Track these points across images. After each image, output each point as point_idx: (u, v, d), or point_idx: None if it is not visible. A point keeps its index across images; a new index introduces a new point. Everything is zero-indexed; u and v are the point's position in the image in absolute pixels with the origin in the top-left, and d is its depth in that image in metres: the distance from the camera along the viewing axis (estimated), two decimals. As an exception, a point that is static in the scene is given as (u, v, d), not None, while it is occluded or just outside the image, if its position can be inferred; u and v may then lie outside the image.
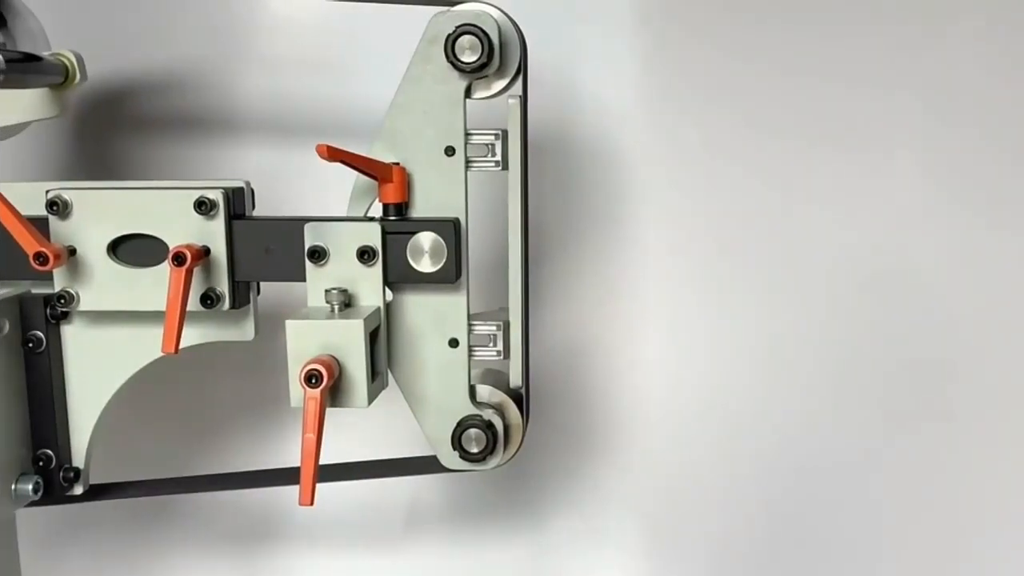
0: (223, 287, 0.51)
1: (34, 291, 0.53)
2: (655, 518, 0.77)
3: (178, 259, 0.48)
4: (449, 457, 0.54)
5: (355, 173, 0.51)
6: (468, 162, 0.52)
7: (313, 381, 0.46)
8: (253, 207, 0.53)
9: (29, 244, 0.48)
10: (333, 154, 0.47)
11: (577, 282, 0.74)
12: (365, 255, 0.50)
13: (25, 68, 0.53)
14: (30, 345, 0.53)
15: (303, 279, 0.51)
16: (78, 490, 0.55)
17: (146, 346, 0.53)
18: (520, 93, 0.51)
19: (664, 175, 0.72)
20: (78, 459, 0.55)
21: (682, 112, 0.72)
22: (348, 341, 0.48)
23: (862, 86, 0.70)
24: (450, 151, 0.51)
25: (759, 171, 0.72)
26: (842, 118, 0.71)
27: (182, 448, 0.76)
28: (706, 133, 0.72)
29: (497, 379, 0.55)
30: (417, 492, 0.78)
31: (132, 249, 0.51)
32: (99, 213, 0.51)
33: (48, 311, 0.53)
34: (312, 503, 0.47)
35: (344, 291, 0.50)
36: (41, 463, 0.54)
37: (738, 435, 0.75)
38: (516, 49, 0.51)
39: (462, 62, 0.49)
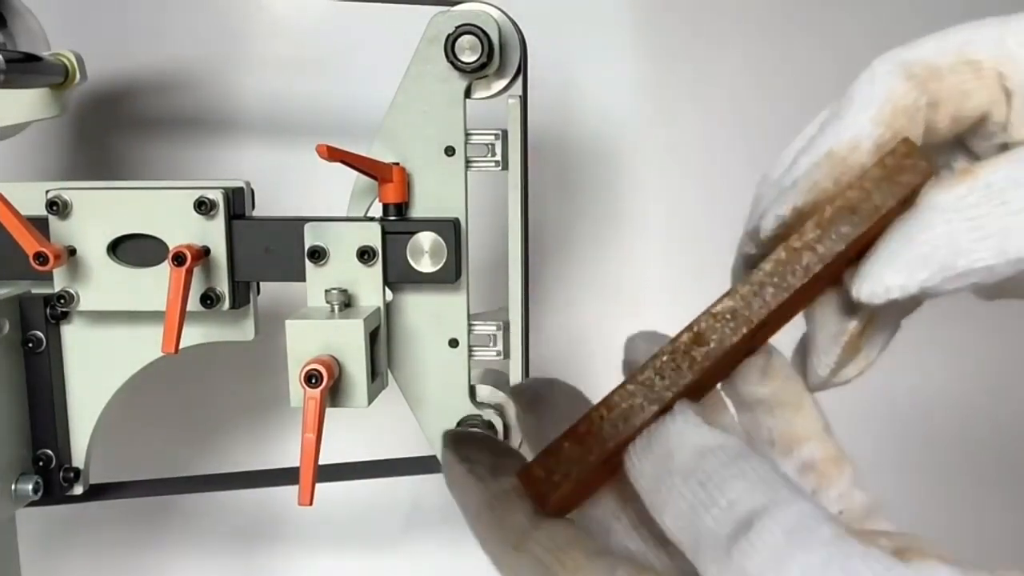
0: (223, 287, 0.51)
1: (34, 291, 0.53)
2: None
3: (178, 259, 0.48)
4: (449, 457, 0.54)
5: (355, 173, 0.51)
6: (468, 162, 0.52)
7: (313, 381, 0.46)
8: (253, 207, 0.53)
9: (29, 244, 0.48)
10: (333, 154, 0.47)
11: (577, 282, 0.74)
12: (365, 255, 0.50)
13: (25, 68, 0.53)
14: (30, 345, 0.53)
15: (303, 279, 0.51)
16: (78, 490, 0.55)
17: (146, 346, 0.53)
18: (520, 93, 0.51)
19: (665, 175, 0.72)
20: (78, 459, 0.55)
21: (682, 112, 0.72)
22: (348, 341, 0.48)
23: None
24: (450, 151, 0.51)
25: (760, 171, 0.72)
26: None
27: (182, 448, 0.76)
28: (707, 133, 0.72)
29: (497, 379, 0.55)
30: (417, 492, 0.78)
31: (132, 249, 0.51)
32: (99, 213, 0.51)
33: (48, 311, 0.53)
34: (312, 503, 0.47)
35: (344, 291, 0.50)
36: (41, 463, 0.54)
37: (738, 435, 0.75)
38: (516, 49, 0.51)
39: (462, 62, 0.49)
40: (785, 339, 0.30)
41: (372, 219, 0.51)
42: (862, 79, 0.27)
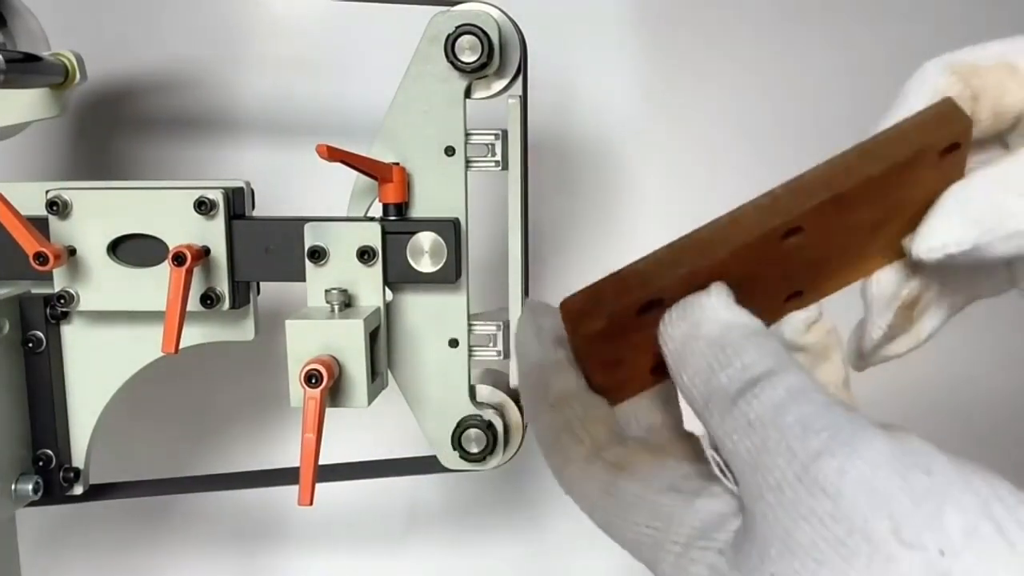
0: (223, 287, 0.51)
1: (34, 291, 0.53)
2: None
3: (178, 259, 0.48)
4: (449, 457, 0.54)
5: (355, 173, 0.51)
6: (468, 162, 0.52)
7: (313, 381, 0.46)
8: (253, 207, 0.53)
9: (29, 244, 0.48)
10: (333, 154, 0.47)
11: (577, 282, 0.74)
12: (365, 255, 0.50)
13: (25, 68, 0.53)
14: (30, 345, 0.53)
15: (303, 279, 0.51)
16: (78, 490, 0.55)
17: (146, 346, 0.53)
18: (520, 93, 0.51)
19: (664, 175, 0.72)
20: (78, 459, 0.55)
21: (683, 112, 0.72)
22: (348, 341, 0.48)
23: (864, 89, 0.70)
24: (450, 151, 0.51)
25: (760, 172, 0.72)
26: (843, 121, 0.71)
27: (182, 448, 0.76)
28: (707, 133, 0.72)
29: (497, 379, 0.55)
30: (417, 492, 0.78)
31: (132, 249, 0.51)
32: (99, 213, 0.51)
33: (48, 311, 0.53)
34: (311, 503, 0.47)
35: (344, 291, 0.50)
36: (41, 463, 0.54)
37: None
38: (516, 49, 0.51)
39: (462, 62, 0.49)
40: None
41: (372, 219, 0.51)
42: (914, 76, 0.32)
